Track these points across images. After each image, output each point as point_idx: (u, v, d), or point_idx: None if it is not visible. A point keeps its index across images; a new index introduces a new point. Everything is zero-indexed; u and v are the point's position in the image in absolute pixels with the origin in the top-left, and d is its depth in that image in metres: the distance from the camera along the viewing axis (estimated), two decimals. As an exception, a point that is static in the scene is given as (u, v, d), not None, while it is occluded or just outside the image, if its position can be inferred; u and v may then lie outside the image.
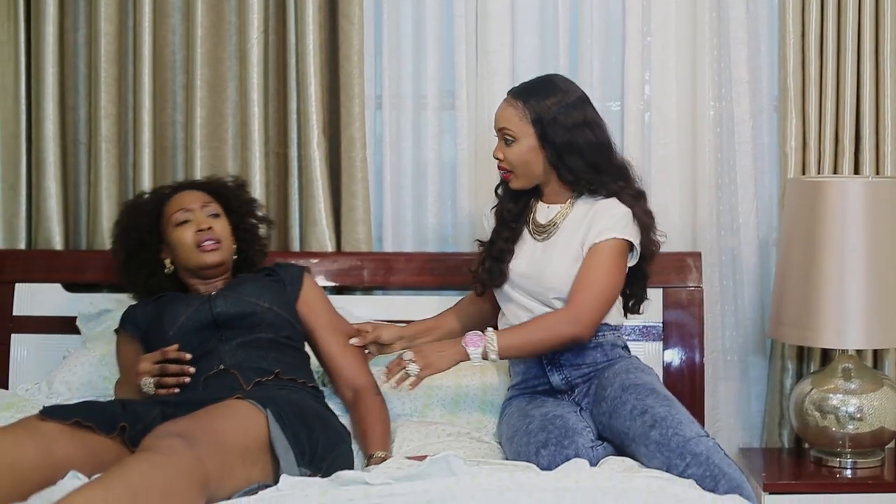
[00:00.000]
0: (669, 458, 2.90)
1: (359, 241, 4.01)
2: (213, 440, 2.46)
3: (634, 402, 3.04)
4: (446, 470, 2.36)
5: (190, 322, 3.22)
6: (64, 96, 4.11)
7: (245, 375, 3.01)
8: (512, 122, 3.22)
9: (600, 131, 3.25)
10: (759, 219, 4.04)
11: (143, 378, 3.06)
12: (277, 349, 3.17)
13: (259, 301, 3.26)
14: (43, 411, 2.60)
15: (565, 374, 3.28)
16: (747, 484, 2.88)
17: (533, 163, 3.24)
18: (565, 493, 2.28)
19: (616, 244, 3.20)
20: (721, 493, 2.79)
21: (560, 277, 3.23)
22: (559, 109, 3.19)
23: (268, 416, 2.67)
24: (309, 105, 3.96)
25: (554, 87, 3.25)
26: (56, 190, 4.07)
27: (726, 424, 4.07)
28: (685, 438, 2.91)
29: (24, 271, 4.01)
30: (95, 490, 2.15)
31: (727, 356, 4.08)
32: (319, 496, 2.29)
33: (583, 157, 3.20)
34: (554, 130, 3.18)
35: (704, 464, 2.86)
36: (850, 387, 3.60)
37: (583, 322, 3.15)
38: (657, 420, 2.96)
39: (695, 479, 2.84)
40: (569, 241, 3.25)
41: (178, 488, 2.25)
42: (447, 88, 4.08)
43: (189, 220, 3.32)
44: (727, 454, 2.94)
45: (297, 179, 4.06)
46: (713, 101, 4.03)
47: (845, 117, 3.88)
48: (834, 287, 3.51)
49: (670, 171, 4.02)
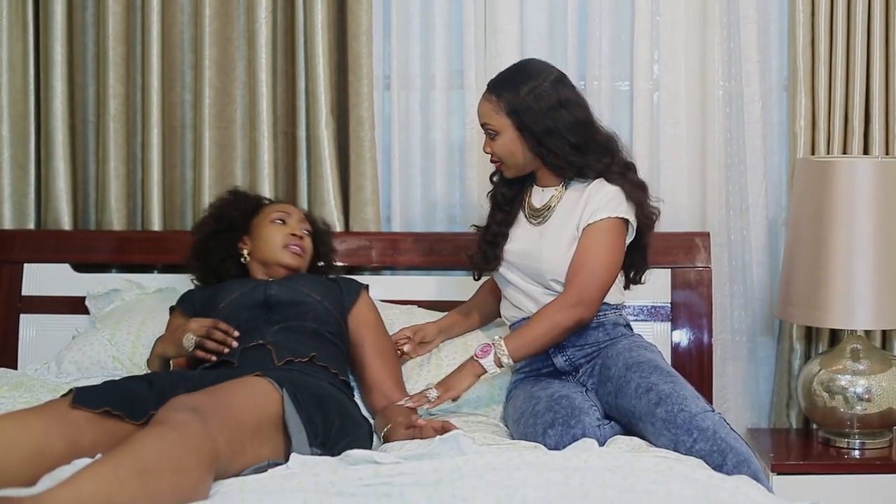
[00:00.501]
0: (676, 434, 2.91)
1: (367, 221, 4.01)
2: (226, 416, 2.46)
3: (639, 381, 3.05)
4: (455, 449, 2.36)
5: (242, 299, 3.29)
6: (72, 75, 4.11)
7: (279, 352, 3.04)
8: (490, 116, 3.26)
9: (579, 109, 3.26)
10: (768, 199, 4.03)
11: (188, 334, 3.12)
12: (319, 339, 3.19)
13: (312, 293, 3.33)
14: (75, 399, 2.57)
15: (568, 356, 3.29)
16: (754, 457, 2.90)
17: (517, 153, 3.27)
18: (574, 472, 2.28)
19: (610, 223, 3.21)
20: (729, 466, 2.82)
21: (556, 260, 3.25)
22: (532, 97, 3.20)
23: (283, 394, 2.68)
24: (317, 85, 3.96)
25: (526, 74, 3.26)
26: (65, 169, 4.07)
27: (734, 405, 4.07)
28: (691, 414, 2.92)
29: (33, 251, 4.02)
30: (105, 466, 2.15)
31: (735, 336, 4.08)
32: (329, 474, 2.29)
33: (564, 139, 3.22)
34: (530, 118, 3.20)
35: (711, 439, 2.88)
36: (859, 367, 3.60)
37: (583, 303, 3.17)
38: (662, 397, 2.98)
39: (702, 455, 2.85)
40: (564, 224, 3.27)
41: (188, 464, 2.25)
42: (456, 68, 4.07)
43: (285, 222, 3.48)
44: (733, 428, 2.95)
45: (306, 159, 4.06)
46: (722, 81, 4.02)
47: (855, 97, 3.86)
48: (843, 267, 3.51)
49: (679, 151, 4.01)
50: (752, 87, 3.99)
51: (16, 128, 4.12)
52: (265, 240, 3.46)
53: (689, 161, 4.02)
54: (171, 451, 2.23)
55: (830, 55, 3.88)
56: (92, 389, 2.65)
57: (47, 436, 2.43)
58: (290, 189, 4.10)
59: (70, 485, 2.08)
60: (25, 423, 2.44)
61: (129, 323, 3.67)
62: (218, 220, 3.55)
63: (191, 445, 2.29)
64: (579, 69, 4.04)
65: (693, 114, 4.02)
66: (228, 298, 3.31)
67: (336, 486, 2.24)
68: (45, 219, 4.11)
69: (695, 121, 4.03)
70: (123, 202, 4.08)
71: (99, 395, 2.62)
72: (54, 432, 2.46)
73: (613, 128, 3.97)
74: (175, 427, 2.30)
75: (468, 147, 4.04)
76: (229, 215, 3.55)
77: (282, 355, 3.03)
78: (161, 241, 4.05)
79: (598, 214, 3.20)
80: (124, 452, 2.20)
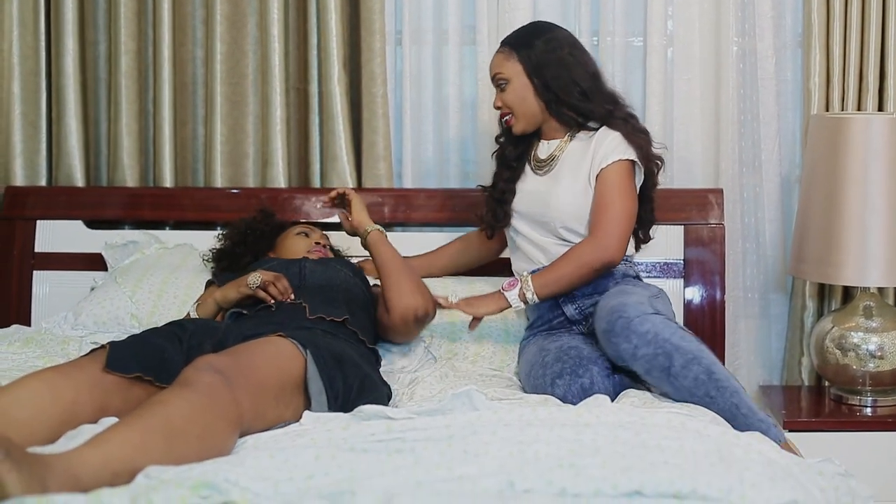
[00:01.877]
0: (617, 343, 2.92)
1: (379, 178, 4.01)
2: (251, 379, 2.48)
3: (602, 303, 3.08)
4: (468, 405, 2.37)
5: (279, 267, 3.34)
6: (84, 32, 4.10)
7: (312, 308, 3.07)
8: (502, 66, 3.35)
9: (589, 61, 3.37)
10: (782, 155, 4.01)
11: (257, 273, 3.18)
12: (351, 305, 3.21)
13: (344, 268, 3.39)
14: (108, 364, 2.56)
15: (578, 304, 3.32)
16: (706, 353, 2.88)
17: (529, 99, 3.34)
18: (586, 428, 2.28)
19: (621, 166, 3.25)
20: (677, 367, 2.84)
21: (565, 208, 3.29)
22: (545, 46, 3.31)
23: (307, 356, 2.69)
24: (329, 40, 3.94)
25: (538, 29, 3.40)
26: (76, 126, 4.07)
27: (746, 362, 4.07)
28: (628, 319, 2.91)
29: (46, 208, 4.02)
30: (133, 431, 2.14)
31: (748, 294, 4.08)
32: (341, 430, 2.30)
33: (572, 84, 3.30)
34: (542, 62, 3.30)
35: (653, 342, 2.87)
36: (871, 325, 3.59)
37: (611, 247, 3.20)
38: (606, 311, 2.99)
39: (647, 360, 2.86)
40: (571, 172, 3.32)
41: (214, 429, 2.27)
42: (468, 23, 4.05)
43: (308, 236, 3.61)
44: (683, 327, 2.93)
45: (318, 115, 4.05)
46: (736, 37, 3.99)
47: (869, 53, 3.84)
48: (856, 224, 3.50)
49: (693, 107, 4.00)
50: (766, 42, 3.97)
51: (27, 85, 4.11)
52: (289, 249, 3.56)
53: (703, 117, 4.01)
54: (198, 417, 2.24)
55: (846, 10, 3.85)
56: (124, 351, 2.64)
57: (75, 403, 2.44)
58: (303, 145, 4.09)
59: (98, 447, 2.09)
60: (56, 387, 2.44)
61: (150, 281, 3.68)
62: (245, 233, 3.63)
63: (218, 411, 2.30)
64: (592, 25, 4.02)
65: (707, 70, 4.00)
66: (267, 266, 3.35)
67: (348, 441, 2.25)
68: (57, 176, 4.11)
69: (708, 77, 4.01)
70: (135, 159, 4.08)
71: (132, 359, 2.62)
72: (83, 397, 2.46)
73: (626, 84, 3.99)
74: (202, 392, 2.30)
75: (480, 103, 4.03)
76: (259, 229, 3.64)
77: (314, 310, 3.06)
78: (173, 198, 4.05)
79: (609, 158, 3.25)
80: (153, 415, 2.20)
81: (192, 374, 2.37)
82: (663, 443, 2.22)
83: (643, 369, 2.90)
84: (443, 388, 3.05)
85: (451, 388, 2.99)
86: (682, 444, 2.22)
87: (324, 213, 3.97)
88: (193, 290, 3.59)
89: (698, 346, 2.89)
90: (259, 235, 3.62)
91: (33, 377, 2.47)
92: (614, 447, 2.19)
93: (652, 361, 2.86)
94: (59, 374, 2.51)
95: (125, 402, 2.51)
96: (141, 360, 2.62)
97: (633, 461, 2.10)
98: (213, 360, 2.45)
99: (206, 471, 2.00)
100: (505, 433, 2.24)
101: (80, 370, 2.55)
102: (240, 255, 3.58)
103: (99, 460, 2.05)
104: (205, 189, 4.08)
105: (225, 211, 4.01)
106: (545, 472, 2.05)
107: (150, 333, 2.83)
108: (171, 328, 2.88)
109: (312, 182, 4.08)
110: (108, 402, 2.50)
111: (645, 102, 3.99)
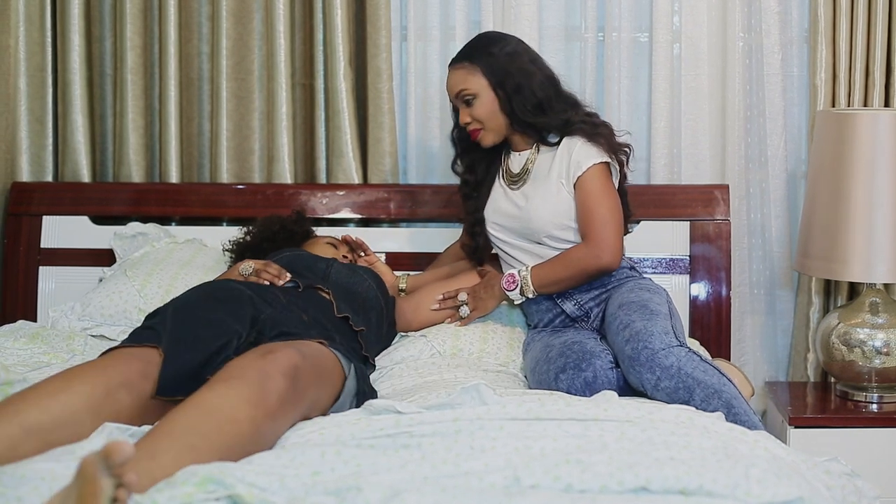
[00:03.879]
0: (640, 372, 2.92)
1: (385, 173, 4.01)
2: (315, 397, 2.50)
3: (622, 318, 3.08)
4: (477, 399, 2.37)
5: (308, 258, 3.38)
6: (90, 28, 4.10)
7: (339, 306, 3.08)
8: (466, 80, 3.34)
9: (546, 67, 3.38)
10: (788, 151, 4.01)
11: (247, 262, 3.20)
12: (369, 315, 3.23)
13: (367, 276, 3.39)
14: (159, 391, 2.51)
15: (576, 300, 3.34)
16: (728, 386, 2.88)
17: (496, 112, 3.34)
18: (594, 423, 2.29)
19: (596, 169, 3.26)
20: (697, 401, 2.83)
21: (546, 218, 3.31)
22: (506, 56, 3.32)
23: (350, 373, 2.73)
24: (335, 36, 3.94)
25: (490, 39, 3.40)
26: (82, 122, 4.07)
27: (752, 358, 4.07)
28: (653, 351, 2.91)
29: (52, 204, 4.03)
30: (200, 456, 2.09)
31: (754, 290, 4.08)
32: (351, 425, 2.30)
33: (530, 97, 3.30)
34: (504, 75, 3.30)
35: (676, 376, 2.88)
36: (877, 321, 3.59)
37: (606, 250, 3.22)
38: (632, 335, 2.98)
39: (668, 392, 2.87)
40: (547, 182, 3.32)
41: (267, 444, 2.28)
42: (474, 19, 4.05)
43: (336, 248, 3.61)
44: (706, 359, 2.93)
45: (324, 111, 4.05)
46: (743, 33, 3.99)
47: (876, 49, 3.83)
48: (862, 220, 3.49)
49: (699, 102, 3.99)
50: (772, 38, 3.96)
51: (33, 81, 4.11)
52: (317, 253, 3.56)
53: (709, 113, 4.00)
54: (256, 435, 2.23)
55: (852, 6, 3.85)
56: (179, 369, 2.56)
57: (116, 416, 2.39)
58: (308, 141, 4.09)
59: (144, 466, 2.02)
60: (99, 414, 2.37)
61: (160, 276, 3.66)
62: (277, 231, 3.65)
63: (278, 425, 2.31)
64: (598, 20, 4.02)
65: (713, 66, 4.00)
66: (297, 256, 3.38)
67: (356, 437, 2.25)
68: (63, 171, 4.11)
69: (715, 73, 4.00)
70: (141, 154, 4.08)
71: (184, 379, 2.54)
72: (123, 421, 2.39)
73: (632, 80, 3.98)
74: (271, 407, 2.28)
75: (486, 99, 4.02)
76: (292, 230, 3.67)
77: (341, 309, 3.07)
78: (179, 193, 4.05)
79: (582, 166, 3.26)
80: (219, 433, 2.17)
81: (273, 374, 2.33)
82: (670, 439, 2.22)
83: (662, 400, 2.90)
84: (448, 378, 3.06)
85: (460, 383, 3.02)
86: (689, 440, 2.22)
87: (329, 208, 3.97)
88: (203, 286, 3.59)
89: (720, 378, 2.90)
90: (289, 235, 3.64)
91: (74, 390, 2.38)
92: (621, 443, 2.19)
93: (673, 395, 2.87)
94: (103, 393, 2.41)
95: (162, 414, 2.41)
96: (190, 382, 2.51)
97: (639, 457, 2.10)
98: (297, 366, 2.40)
99: (212, 468, 2.00)
100: (512, 428, 2.25)
101: (126, 390, 2.47)
102: (266, 249, 3.57)
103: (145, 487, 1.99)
104: (211, 185, 4.08)
105: (231, 207, 4.01)
106: (551, 467, 2.05)
107: (204, 330, 2.70)
108: (225, 317, 2.78)
109: (318, 178, 4.07)
110: (150, 420, 2.44)
111: (651, 98, 3.98)
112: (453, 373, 3.12)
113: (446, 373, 3.12)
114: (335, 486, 2.00)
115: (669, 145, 3.99)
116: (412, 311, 3.48)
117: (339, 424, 2.32)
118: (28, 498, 1.93)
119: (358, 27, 4.03)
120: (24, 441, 2.22)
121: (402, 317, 3.47)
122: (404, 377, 3.11)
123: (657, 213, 3.85)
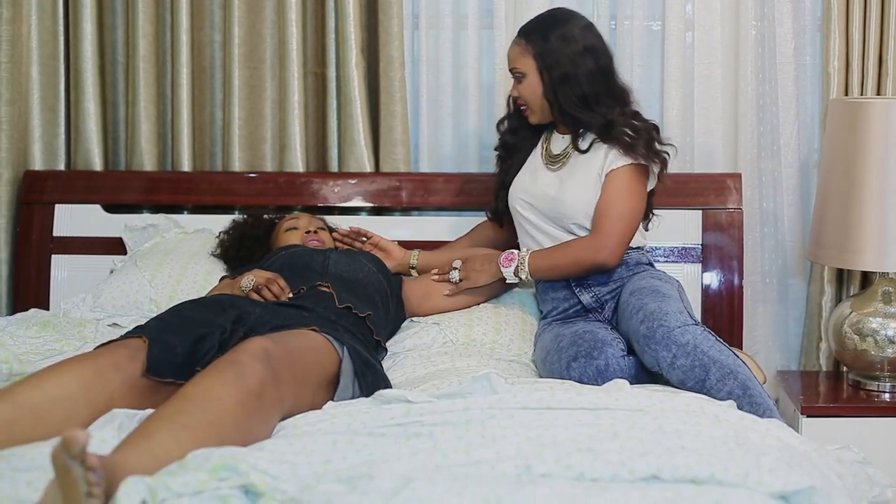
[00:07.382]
0: (656, 350, 2.91)
1: (397, 162, 4.01)
2: (297, 376, 2.50)
3: (634, 303, 3.08)
4: (487, 388, 2.37)
5: (304, 253, 3.38)
6: (102, 16, 4.10)
7: (340, 296, 3.09)
8: (518, 59, 3.35)
9: (602, 57, 3.34)
10: (801, 140, 4.00)
11: (249, 275, 3.19)
12: (374, 300, 3.23)
13: (367, 262, 3.40)
14: (149, 369, 2.56)
15: (595, 292, 3.34)
16: (742, 368, 2.89)
17: (540, 96, 3.35)
18: (605, 412, 2.28)
19: (630, 169, 3.27)
20: (713, 380, 2.85)
21: (578, 205, 3.31)
22: (560, 41, 3.29)
23: (343, 355, 2.73)
24: (347, 24, 3.94)
25: (556, 19, 3.36)
26: (95, 110, 4.08)
27: (764, 347, 4.07)
28: (669, 329, 2.91)
29: (64, 192, 4.03)
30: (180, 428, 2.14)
31: (766, 279, 4.07)
32: (362, 415, 2.31)
33: (577, 89, 3.28)
34: (553, 62, 3.29)
35: (692, 353, 2.88)
36: (890, 310, 3.58)
37: (607, 249, 3.23)
38: (646, 315, 2.98)
39: (684, 370, 2.87)
40: (584, 168, 3.32)
41: (258, 432, 2.29)
42: (486, 7, 4.05)
43: (297, 228, 3.63)
44: (720, 339, 2.93)
45: (336, 99, 4.05)
46: (755, 21, 3.97)
47: (889, 37, 3.82)
48: (875, 209, 3.48)
49: (711, 91, 3.98)
50: (785, 26, 3.95)
51: (45, 69, 4.12)
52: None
53: (722, 102, 4.00)
54: (242, 419, 2.25)
55: (865, -6, 3.84)
56: (162, 352, 2.62)
57: (109, 406, 2.42)
58: (320, 129, 4.09)
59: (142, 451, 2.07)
60: (90, 389, 2.44)
61: (170, 266, 3.68)
62: (241, 241, 3.68)
63: (263, 411, 2.32)
64: (611, 9, 4.01)
65: (726, 54, 3.99)
66: (293, 253, 3.38)
67: (367, 426, 2.26)
68: (75, 160, 4.12)
69: (727, 61, 3.99)
70: (153, 143, 4.08)
71: (168, 366, 2.61)
72: (117, 402, 2.46)
73: (645, 68, 3.97)
74: (251, 388, 2.30)
75: (498, 87, 4.02)
76: (254, 235, 3.69)
77: (343, 299, 3.08)
78: (191, 182, 4.05)
79: (618, 161, 3.26)
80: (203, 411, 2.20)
81: (245, 360, 2.36)
82: (681, 428, 2.22)
83: (678, 379, 2.90)
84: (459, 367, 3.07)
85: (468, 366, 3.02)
86: (700, 429, 2.22)
87: (341, 196, 3.97)
88: (213, 276, 3.60)
89: (735, 359, 2.90)
90: (255, 240, 3.66)
91: (66, 371, 2.45)
92: (632, 432, 2.19)
93: (688, 373, 2.87)
94: (94, 373, 2.48)
95: (158, 400, 2.46)
96: (181, 360, 2.62)
97: (650, 446, 2.10)
98: (267, 349, 2.43)
99: (225, 454, 2.00)
100: (523, 417, 2.25)
101: (115, 369, 2.53)
102: (244, 257, 3.61)
103: (148, 463, 2.03)
104: (222, 173, 4.08)
105: (243, 195, 4.02)
106: (563, 456, 2.05)
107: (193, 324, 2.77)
108: (207, 313, 2.85)
109: (330, 166, 4.08)
110: (142, 402, 2.50)
111: (663, 87, 3.98)
112: (465, 361, 3.12)
113: (458, 361, 3.12)
114: (346, 475, 2.01)
115: (682, 134, 3.98)
116: (419, 299, 3.47)
117: (350, 413, 2.32)
118: (38, 482, 1.99)
119: (370, 15, 4.02)
120: (20, 418, 2.30)
121: (409, 301, 3.46)
122: (417, 366, 3.11)
123: (669, 202, 3.83)
